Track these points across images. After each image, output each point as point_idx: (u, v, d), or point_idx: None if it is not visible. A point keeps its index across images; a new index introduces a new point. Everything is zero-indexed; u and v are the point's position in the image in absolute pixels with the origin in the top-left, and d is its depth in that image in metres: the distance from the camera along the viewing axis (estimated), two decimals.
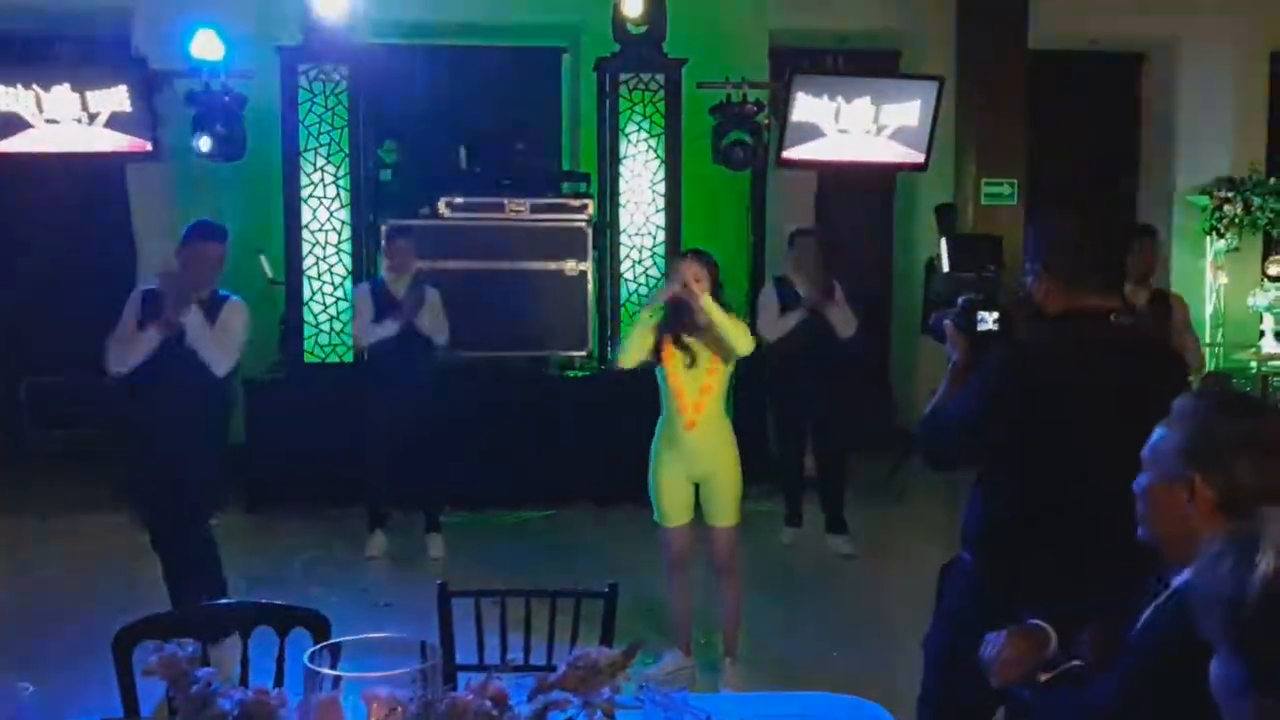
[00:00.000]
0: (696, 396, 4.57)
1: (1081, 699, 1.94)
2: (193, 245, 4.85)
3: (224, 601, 4.22)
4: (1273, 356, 10.02)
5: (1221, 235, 10.28)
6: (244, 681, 2.54)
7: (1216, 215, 10.24)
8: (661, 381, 4.68)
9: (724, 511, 4.70)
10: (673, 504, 4.69)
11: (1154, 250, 6.30)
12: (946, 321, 2.92)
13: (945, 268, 8.60)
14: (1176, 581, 1.81)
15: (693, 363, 4.56)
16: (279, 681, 2.54)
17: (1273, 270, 10.09)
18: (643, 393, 4.78)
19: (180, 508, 4.87)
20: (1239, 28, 10.35)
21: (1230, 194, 10.17)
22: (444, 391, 6.84)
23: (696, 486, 4.72)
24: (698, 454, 4.63)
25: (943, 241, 8.66)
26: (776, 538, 7.04)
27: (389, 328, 6.61)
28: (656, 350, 4.59)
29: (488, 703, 1.85)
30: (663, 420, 4.70)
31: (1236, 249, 10.30)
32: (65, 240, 9.64)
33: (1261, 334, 10.10)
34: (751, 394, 7.05)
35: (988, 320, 2.85)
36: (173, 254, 4.90)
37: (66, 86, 7.96)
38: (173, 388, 4.76)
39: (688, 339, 4.55)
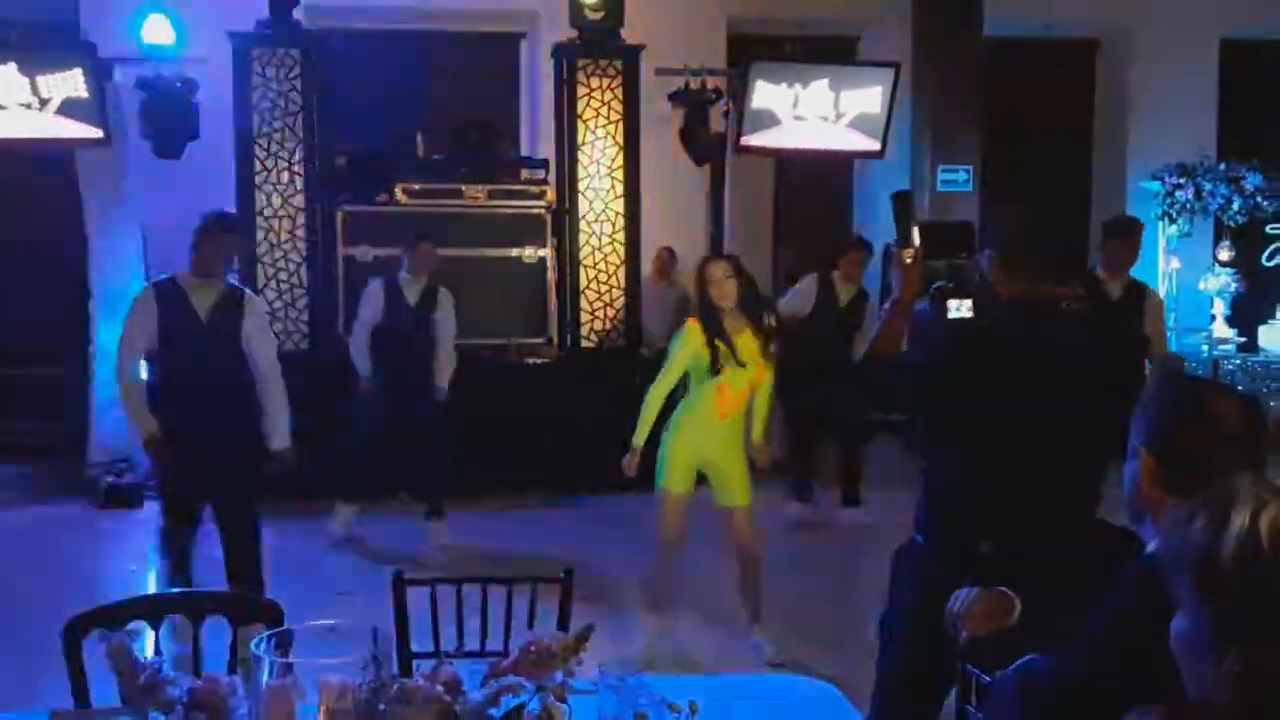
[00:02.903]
0: (742, 389, 4.70)
1: (1044, 668, 1.95)
2: (211, 233, 4.75)
3: (177, 590, 4.19)
4: (1223, 340, 10.18)
5: (1173, 221, 10.41)
6: (196, 670, 2.51)
7: (1168, 201, 10.37)
8: (701, 381, 4.74)
9: (740, 492, 4.80)
10: (685, 471, 4.74)
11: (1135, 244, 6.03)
12: (892, 249, 2.99)
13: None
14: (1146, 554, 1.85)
15: (740, 362, 4.65)
16: (232, 670, 2.51)
17: (1223, 255, 10.25)
18: (603, 380, 4.74)
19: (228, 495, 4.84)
20: (1191, 15, 10.47)
21: (1182, 180, 10.30)
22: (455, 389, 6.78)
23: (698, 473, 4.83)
24: (720, 440, 4.74)
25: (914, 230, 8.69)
26: (779, 514, 6.97)
27: (362, 366, 6.67)
28: (714, 366, 4.65)
29: (438, 687, 1.85)
30: (693, 400, 4.77)
31: (1188, 234, 10.44)
32: (12, 229, 9.46)
33: (1213, 318, 10.26)
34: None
35: (960, 308, 2.86)
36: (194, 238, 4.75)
37: (14, 68, 7.80)
38: (207, 385, 4.72)
39: (731, 343, 4.65)
